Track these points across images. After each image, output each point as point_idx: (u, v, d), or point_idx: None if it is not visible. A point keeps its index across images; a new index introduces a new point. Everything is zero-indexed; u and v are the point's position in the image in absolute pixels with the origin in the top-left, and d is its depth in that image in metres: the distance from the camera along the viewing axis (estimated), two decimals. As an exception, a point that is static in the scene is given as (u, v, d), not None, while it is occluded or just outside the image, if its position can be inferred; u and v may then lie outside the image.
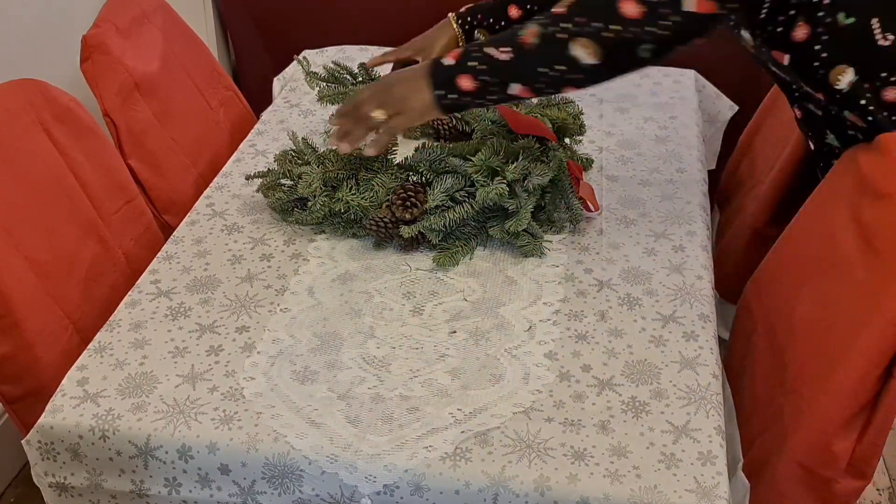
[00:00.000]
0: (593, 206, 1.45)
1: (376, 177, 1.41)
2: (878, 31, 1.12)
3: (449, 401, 1.12)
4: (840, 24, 1.13)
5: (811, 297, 1.21)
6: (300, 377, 1.16)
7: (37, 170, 1.39)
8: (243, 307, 1.28)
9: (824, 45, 1.15)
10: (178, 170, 1.78)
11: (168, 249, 1.41)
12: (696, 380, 1.16)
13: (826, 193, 1.28)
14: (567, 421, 1.10)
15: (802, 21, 1.15)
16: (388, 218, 1.37)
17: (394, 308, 1.28)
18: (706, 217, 1.49)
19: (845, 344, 1.10)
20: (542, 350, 1.20)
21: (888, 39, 1.12)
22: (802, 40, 1.16)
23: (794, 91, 1.29)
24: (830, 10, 1.13)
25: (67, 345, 1.33)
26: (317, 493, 1.07)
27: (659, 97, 1.84)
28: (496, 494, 1.03)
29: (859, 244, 1.14)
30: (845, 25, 1.13)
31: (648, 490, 1.01)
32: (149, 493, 1.12)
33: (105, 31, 1.67)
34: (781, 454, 1.17)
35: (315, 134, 1.72)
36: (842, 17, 1.13)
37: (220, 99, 1.99)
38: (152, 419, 1.10)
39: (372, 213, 1.38)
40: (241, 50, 2.59)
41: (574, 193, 1.42)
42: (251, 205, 1.51)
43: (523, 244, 1.36)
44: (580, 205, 1.43)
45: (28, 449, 1.14)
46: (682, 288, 1.31)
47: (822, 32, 1.14)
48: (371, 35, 2.21)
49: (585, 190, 1.46)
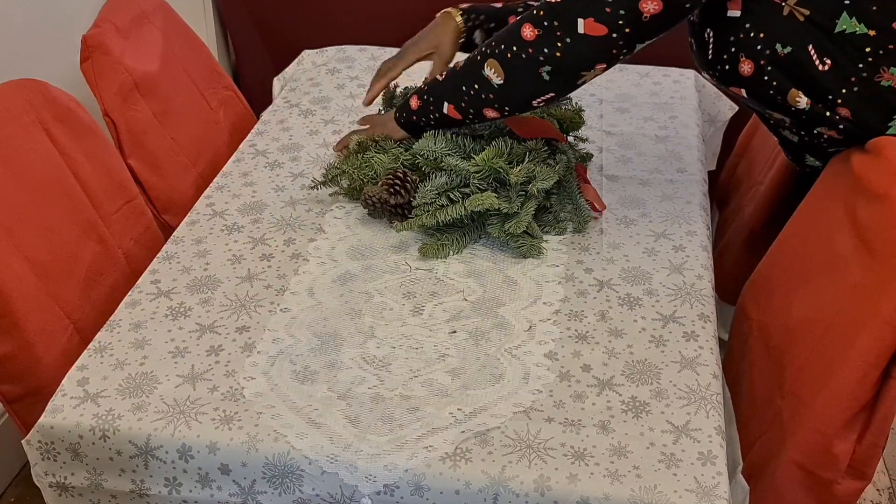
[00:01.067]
0: (599, 207, 1.45)
1: (376, 156, 1.46)
2: (816, 57, 1.17)
3: (449, 401, 1.12)
4: (780, 54, 1.19)
5: (808, 299, 1.22)
6: (300, 377, 1.16)
7: (37, 170, 1.39)
8: (243, 307, 1.28)
9: (771, 75, 1.21)
10: (178, 170, 1.78)
11: (168, 249, 1.41)
12: (696, 380, 1.16)
13: (821, 195, 1.28)
14: (567, 421, 1.10)
15: (744, 57, 1.21)
16: (376, 196, 1.41)
17: (394, 308, 1.28)
18: (706, 217, 1.49)
19: (843, 345, 1.10)
20: (542, 350, 1.20)
21: (826, 64, 1.17)
22: (750, 74, 1.22)
23: (768, 119, 1.33)
24: (767, 43, 1.18)
25: (67, 345, 1.33)
26: (317, 492, 1.07)
27: (659, 97, 1.84)
28: (496, 494, 1.03)
29: (855, 245, 1.14)
30: (785, 55, 1.19)
31: (648, 490, 1.01)
32: (149, 493, 1.12)
33: (105, 31, 1.67)
34: (781, 456, 1.17)
35: (315, 134, 1.72)
36: (779, 47, 1.19)
37: (220, 99, 1.99)
38: (152, 419, 1.10)
39: (367, 188, 1.43)
40: (241, 50, 2.59)
41: (581, 194, 1.43)
42: (251, 205, 1.51)
43: (520, 245, 1.36)
44: (587, 206, 1.43)
45: (28, 449, 1.14)
46: (682, 288, 1.31)
47: (765, 64, 1.20)
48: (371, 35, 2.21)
49: (590, 191, 1.46)
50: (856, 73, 1.16)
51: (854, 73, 1.16)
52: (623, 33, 1.20)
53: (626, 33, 1.20)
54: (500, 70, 1.28)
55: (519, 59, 1.27)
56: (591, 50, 1.23)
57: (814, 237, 1.26)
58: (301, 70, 1.99)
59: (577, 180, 1.44)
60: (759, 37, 1.19)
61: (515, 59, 1.27)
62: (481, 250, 1.39)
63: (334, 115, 1.79)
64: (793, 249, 1.32)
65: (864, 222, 1.13)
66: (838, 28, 1.15)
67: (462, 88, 1.34)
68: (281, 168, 1.62)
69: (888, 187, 1.10)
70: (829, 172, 1.27)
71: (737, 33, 1.21)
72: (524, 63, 1.27)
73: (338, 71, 1.96)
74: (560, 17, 1.22)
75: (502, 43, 1.29)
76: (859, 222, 1.14)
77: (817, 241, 1.24)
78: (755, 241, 1.59)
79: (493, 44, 1.30)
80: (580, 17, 1.20)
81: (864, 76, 1.16)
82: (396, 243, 1.41)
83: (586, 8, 1.20)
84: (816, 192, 1.30)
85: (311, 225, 1.46)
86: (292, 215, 1.48)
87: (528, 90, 1.30)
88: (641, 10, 1.18)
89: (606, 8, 1.19)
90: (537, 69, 1.26)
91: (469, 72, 1.33)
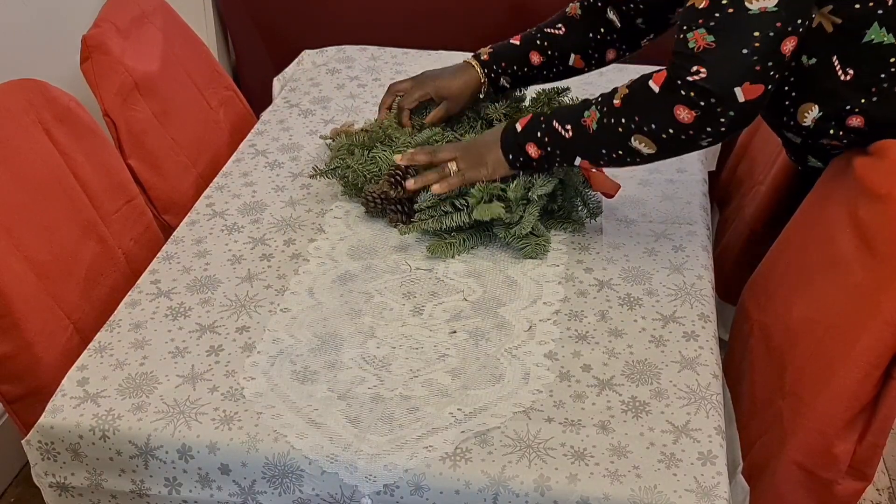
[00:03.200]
0: (612, 192, 1.43)
1: (381, 153, 1.45)
2: (839, 67, 1.17)
3: (449, 401, 1.12)
4: (805, 65, 1.19)
5: (809, 299, 1.22)
6: (300, 377, 1.16)
7: (37, 170, 1.39)
8: (243, 307, 1.28)
9: (791, 86, 1.22)
10: (178, 170, 1.78)
11: (168, 249, 1.41)
12: (696, 380, 1.16)
13: (822, 195, 1.28)
14: (567, 421, 1.10)
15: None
16: (377, 192, 1.40)
17: (394, 308, 1.28)
18: (706, 217, 1.49)
19: (844, 345, 1.10)
20: (542, 350, 1.20)
21: (848, 74, 1.17)
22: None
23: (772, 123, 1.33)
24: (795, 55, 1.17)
25: (67, 345, 1.33)
26: (317, 492, 1.07)
27: (659, 97, 1.83)
28: (496, 494, 1.03)
29: (857, 245, 1.14)
30: (809, 66, 1.19)
31: (648, 490, 1.01)
32: (149, 493, 1.12)
33: (105, 31, 1.67)
34: (781, 457, 1.17)
35: (314, 134, 1.72)
36: (805, 58, 1.19)
37: (220, 99, 1.99)
38: (152, 419, 1.10)
39: (368, 186, 1.42)
40: (241, 50, 2.59)
41: (588, 187, 1.42)
42: (251, 205, 1.51)
43: (524, 245, 1.36)
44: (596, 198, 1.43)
45: (28, 449, 1.14)
46: (682, 288, 1.31)
47: (788, 75, 1.20)
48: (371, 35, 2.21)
49: (598, 179, 1.44)
50: (877, 84, 1.17)
51: (875, 83, 1.17)
52: (775, 80, 1.15)
53: (776, 78, 1.15)
54: (651, 145, 1.21)
55: (678, 139, 1.19)
56: (755, 110, 1.16)
57: (815, 237, 1.26)
58: (301, 70, 1.99)
59: (581, 175, 1.43)
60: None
61: (673, 139, 1.19)
62: (481, 250, 1.39)
63: (334, 115, 1.79)
64: (794, 250, 1.32)
65: (866, 222, 1.13)
66: (867, 38, 1.15)
67: (602, 151, 1.26)
68: (281, 168, 1.62)
69: (890, 188, 1.10)
70: (830, 173, 1.27)
71: None
72: (684, 142, 1.19)
73: (338, 71, 1.97)
74: (715, 94, 1.13)
75: (652, 123, 1.19)
76: (860, 223, 1.14)
77: (818, 241, 1.24)
78: (756, 241, 1.58)
79: (637, 119, 1.20)
80: (736, 86, 1.12)
81: (885, 86, 1.17)
82: (396, 243, 1.41)
83: (738, 75, 1.12)
84: (818, 192, 1.30)
85: (311, 225, 1.46)
86: (292, 215, 1.48)
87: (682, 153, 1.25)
88: (783, 52, 1.13)
89: (756, 67, 1.12)
90: (698, 143, 1.20)
91: (610, 140, 1.24)
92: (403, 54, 2.04)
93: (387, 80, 1.84)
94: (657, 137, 1.20)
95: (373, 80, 1.92)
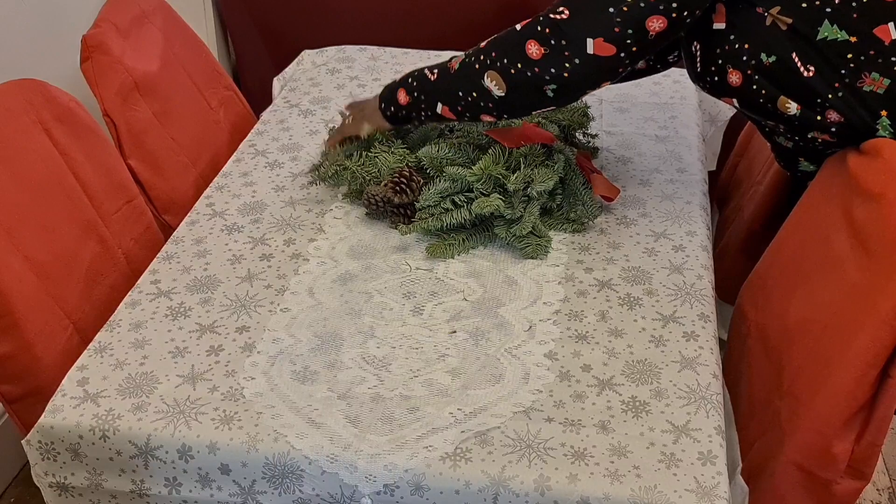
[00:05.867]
0: (612, 195, 1.45)
1: (381, 155, 1.46)
2: (800, 64, 1.19)
3: (449, 401, 1.13)
4: (765, 63, 1.20)
5: (805, 299, 1.22)
6: (300, 377, 1.16)
7: (37, 170, 1.39)
8: (243, 307, 1.28)
9: (759, 84, 1.23)
10: (178, 170, 1.78)
11: (168, 249, 1.41)
12: (696, 380, 1.16)
13: (817, 196, 1.28)
14: (567, 421, 1.10)
15: (732, 68, 1.23)
16: (379, 195, 1.40)
17: (394, 308, 1.28)
18: (706, 217, 1.49)
19: (841, 345, 1.10)
20: (542, 350, 1.20)
21: (810, 70, 1.18)
22: (739, 84, 1.23)
23: (763, 126, 1.34)
24: (752, 53, 1.20)
25: (67, 345, 1.33)
26: (317, 492, 1.07)
27: (659, 97, 1.84)
28: (496, 494, 1.03)
29: (852, 244, 1.14)
30: (770, 64, 1.20)
31: (648, 490, 1.02)
32: (149, 493, 1.12)
33: (105, 31, 1.67)
34: (780, 457, 1.17)
35: (314, 134, 1.72)
36: (764, 57, 1.20)
37: (220, 99, 1.99)
38: (152, 419, 1.10)
39: (369, 188, 1.42)
40: (241, 50, 2.59)
41: (588, 189, 1.43)
42: (251, 205, 1.51)
43: (525, 245, 1.36)
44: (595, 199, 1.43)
45: (28, 449, 1.14)
46: (682, 288, 1.31)
47: (752, 74, 1.22)
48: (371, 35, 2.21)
49: (599, 182, 1.45)
50: (839, 79, 1.17)
51: (837, 79, 1.17)
52: (630, 52, 1.20)
53: (633, 52, 1.20)
54: (501, 83, 1.27)
55: (523, 75, 1.25)
56: (600, 70, 1.22)
57: (811, 237, 1.26)
58: (301, 70, 1.99)
59: (582, 175, 1.44)
60: (745, 47, 1.20)
61: (519, 75, 1.25)
62: (481, 250, 1.39)
63: (334, 115, 1.79)
64: (790, 250, 1.32)
65: (861, 222, 1.13)
66: (820, 35, 1.16)
67: (458, 94, 1.33)
68: (281, 168, 1.62)
69: (884, 187, 1.10)
70: (825, 173, 1.27)
71: (723, 45, 1.22)
72: (528, 80, 1.25)
73: (338, 71, 1.97)
74: (568, 36, 1.20)
75: (504, 57, 1.26)
76: (856, 222, 1.14)
77: (814, 241, 1.24)
78: (754, 241, 1.59)
79: (494, 54, 1.27)
80: (589, 37, 1.19)
81: (847, 82, 1.17)
82: (397, 243, 1.41)
83: (595, 28, 1.19)
84: (813, 192, 1.30)
85: (311, 225, 1.46)
86: (292, 215, 1.48)
87: (530, 104, 1.30)
88: (648, 29, 1.18)
89: (615, 28, 1.18)
90: (542, 87, 1.25)
91: (466, 79, 1.32)
92: (403, 54, 2.04)
93: (387, 80, 1.84)
94: (506, 73, 1.26)
95: (373, 80, 1.92)
